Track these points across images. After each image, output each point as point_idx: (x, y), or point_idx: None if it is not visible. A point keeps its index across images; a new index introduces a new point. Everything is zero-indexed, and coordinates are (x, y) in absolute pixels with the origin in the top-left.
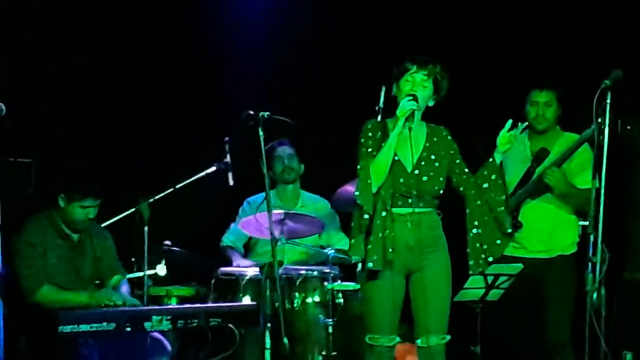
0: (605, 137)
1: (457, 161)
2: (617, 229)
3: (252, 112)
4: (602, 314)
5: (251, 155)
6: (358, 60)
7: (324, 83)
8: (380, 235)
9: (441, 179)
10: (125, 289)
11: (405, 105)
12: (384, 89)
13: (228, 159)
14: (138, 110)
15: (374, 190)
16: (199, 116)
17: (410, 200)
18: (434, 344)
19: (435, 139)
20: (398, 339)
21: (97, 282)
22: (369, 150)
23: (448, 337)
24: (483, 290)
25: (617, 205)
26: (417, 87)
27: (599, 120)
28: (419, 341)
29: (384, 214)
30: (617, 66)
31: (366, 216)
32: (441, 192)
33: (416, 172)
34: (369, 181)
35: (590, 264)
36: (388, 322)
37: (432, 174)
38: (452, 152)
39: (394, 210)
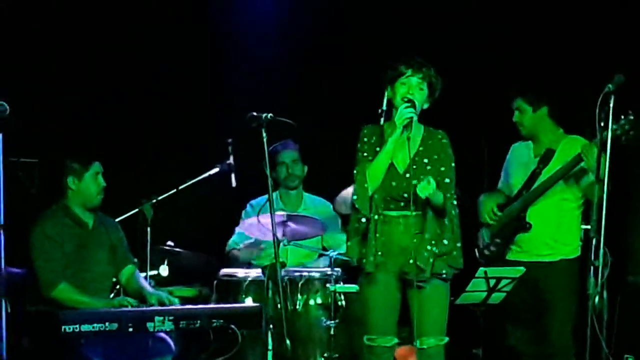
0: (608, 141)
1: (442, 168)
2: (619, 232)
3: (255, 114)
4: (604, 318)
5: (254, 157)
6: (363, 60)
7: (328, 84)
8: (370, 237)
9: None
10: (146, 284)
11: (403, 114)
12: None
13: (231, 160)
14: (141, 110)
15: (370, 194)
16: (202, 117)
17: (402, 204)
18: (432, 346)
19: (430, 142)
20: (396, 339)
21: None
22: (365, 155)
23: (446, 339)
24: (485, 294)
25: (620, 209)
26: (413, 90)
27: (602, 124)
28: (417, 343)
29: (376, 217)
30: (620, 70)
31: (363, 220)
32: None
33: (407, 175)
34: (365, 185)
35: (592, 268)
36: (383, 323)
37: (422, 177)
38: (443, 155)
39: (386, 212)
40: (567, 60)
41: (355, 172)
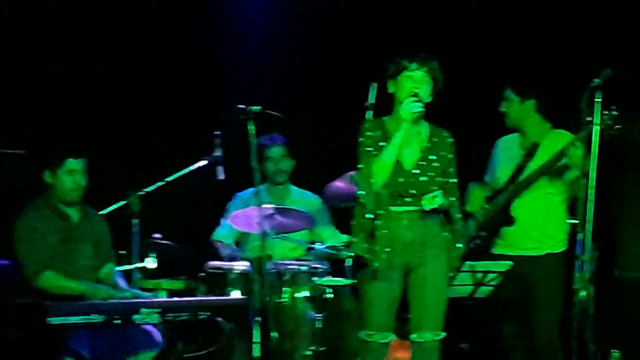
0: (595, 136)
1: (450, 169)
2: (606, 227)
3: (243, 106)
4: (590, 312)
5: (242, 150)
6: (350, 55)
7: (315, 77)
8: (379, 234)
9: (438, 179)
10: (123, 282)
11: (411, 107)
12: (374, 85)
13: (218, 152)
14: (129, 103)
15: (376, 189)
16: (190, 109)
17: (408, 199)
18: (428, 340)
19: (436, 140)
20: (393, 336)
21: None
22: (369, 149)
23: (443, 334)
24: (472, 287)
25: (606, 204)
26: (418, 84)
27: (588, 118)
28: (413, 336)
29: (382, 212)
30: (608, 65)
31: (369, 215)
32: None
33: (415, 171)
34: (372, 181)
35: (578, 262)
36: (383, 319)
37: (431, 174)
38: (450, 156)
39: (392, 208)
40: (561, 57)
41: (360, 167)
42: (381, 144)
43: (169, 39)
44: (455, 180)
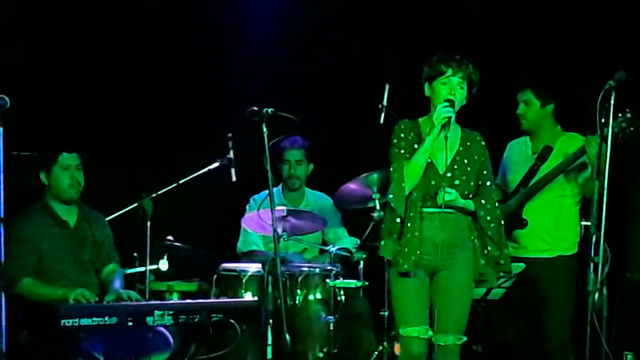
0: (609, 138)
1: (485, 172)
2: (619, 229)
3: (256, 108)
4: (604, 315)
5: (255, 152)
6: (364, 56)
7: (329, 79)
8: (409, 236)
9: (472, 183)
10: (118, 282)
11: (442, 112)
12: (387, 86)
13: (231, 154)
14: (141, 105)
15: (407, 193)
16: (202, 112)
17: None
18: (450, 344)
19: (468, 144)
20: (430, 332)
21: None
22: (402, 152)
23: (465, 338)
24: (484, 289)
25: (619, 206)
26: (454, 90)
27: (602, 120)
28: (436, 339)
29: (413, 214)
30: (621, 67)
31: (398, 220)
32: (471, 195)
33: (448, 174)
34: (402, 184)
35: (592, 264)
36: (417, 310)
37: (464, 177)
38: (483, 159)
39: (424, 210)
40: (569, 57)
41: (391, 169)
42: (416, 146)
43: (180, 40)
44: (489, 183)
